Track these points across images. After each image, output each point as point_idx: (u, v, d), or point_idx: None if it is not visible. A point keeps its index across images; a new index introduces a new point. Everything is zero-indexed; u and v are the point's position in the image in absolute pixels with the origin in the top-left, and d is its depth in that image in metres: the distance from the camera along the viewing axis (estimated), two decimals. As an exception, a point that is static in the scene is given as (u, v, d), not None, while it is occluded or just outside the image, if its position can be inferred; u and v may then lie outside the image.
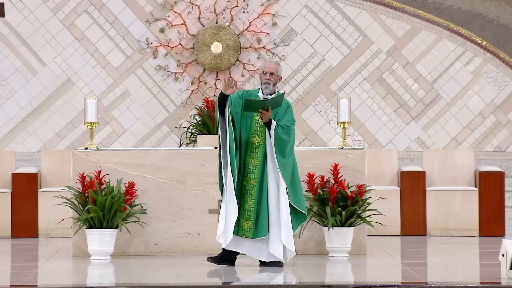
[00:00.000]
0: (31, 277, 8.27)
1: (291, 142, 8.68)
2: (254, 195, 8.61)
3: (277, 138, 8.61)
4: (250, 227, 8.60)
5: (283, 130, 8.64)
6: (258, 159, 8.64)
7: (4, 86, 13.66)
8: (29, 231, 11.35)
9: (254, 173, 8.63)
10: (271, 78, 8.76)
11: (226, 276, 8.30)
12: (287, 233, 8.62)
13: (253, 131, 8.68)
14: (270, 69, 8.76)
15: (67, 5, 13.73)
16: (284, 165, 8.64)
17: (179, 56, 13.82)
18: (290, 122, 8.72)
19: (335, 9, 13.83)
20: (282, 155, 8.63)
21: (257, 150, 8.66)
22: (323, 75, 13.83)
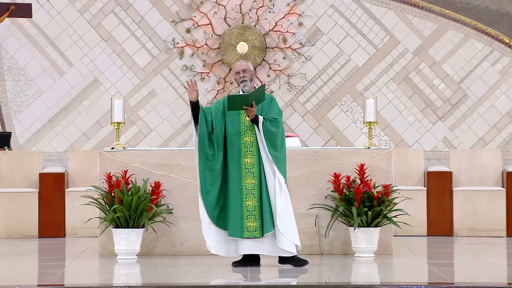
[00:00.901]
0: (58, 276, 8.31)
1: (280, 134, 8.65)
2: (256, 193, 8.60)
3: (266, 132, 8.58)
4: (257, 227, 8.59)
5: (272, 123, 8.62)
6: (254, 157, 8.63)
7: (31, 86, 13.75)
8: (56, 231, 11.41)
9: (253, 172, 8.62)
10: (246, 74, 8.75)
11: (251, 276, 8.30)
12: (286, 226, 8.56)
13: (243, 131, 8.67)
14: (241, 67, 8.77)
15: (94, 6, 13.79)
16: (278, 158, 8.61)
17: (205, 56, 13.84)
18: (277, 114, 8.70)
19: (361, 8, 13.79)
20: (274, 149, 8.60)
21: (251, 149, 8.65)
22: (349, 75, 13.80)
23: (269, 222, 8.60)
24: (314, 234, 9.68)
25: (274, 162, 8.59)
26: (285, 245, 8.57)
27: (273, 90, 13.89)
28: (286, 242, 8.57)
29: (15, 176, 11.76)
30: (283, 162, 8.67)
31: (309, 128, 13.80)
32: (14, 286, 7.55)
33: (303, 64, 13.86)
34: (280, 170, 8.59)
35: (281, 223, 8.55)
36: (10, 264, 9.19)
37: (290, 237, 8.58)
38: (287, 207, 8.63)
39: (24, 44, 13.75)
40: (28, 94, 13.74)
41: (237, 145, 8.63)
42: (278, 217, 8.54)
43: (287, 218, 8.60)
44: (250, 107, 8.51)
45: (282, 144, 8.68)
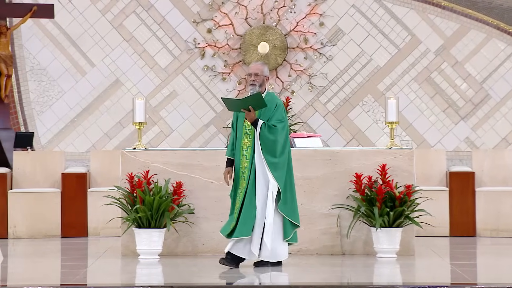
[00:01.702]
0: (80, 276, 8.34)
1: (279, 142, 8.54)
2: (241, 196, 8.58)
3: (262, 137, 8.53)
4: (232, 228, 8.59)
5: (270, 130, 8.53)
6: (248, 161, 8.59)
7: (54, 86, 13.80)
8: (78, 231, 11.45)
9: (245, 175, 8.58)
10: (256, 79, 8.68)
11: (273, 275, 8.30)
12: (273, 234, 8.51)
13: (243, 134, 8.64)
14: (254, 70, 8.69)
15: (115, 6, 13.83)
16: (275, 165, 8.53)
17: (226, 57, 13.85)
18: (278, 121, 8.58)
19: (383, 8, 13.76)
20: (271, 155, 8.52)
21: (246, 152, 8.61)
22: (371, 75, 13.77)
23: (245, 228, 8.51)
24: (336, 235, 9.67)
25: (270, 168, 8.50)
26: (254, 248, 8.52)
27: (294, 90, 13.89)
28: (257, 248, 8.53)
29: (38, 176, 11.81)
30: (282, 168, 8.55)
31: (331, 128, 13.79)
32: (37, 285, 7.58)
33: (324, 64, 13.84)
34: (275, 177, 8.50)
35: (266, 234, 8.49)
36: (33, 264, 9.23)
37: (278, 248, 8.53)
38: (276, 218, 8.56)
39: (47, 45, 13.81)
40: (51, 94, 13.80)
41: (239, 147, 8.64)
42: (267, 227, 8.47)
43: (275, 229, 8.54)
44: (248, 111, 8.48)
45: (282, 151, 8.55)
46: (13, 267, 8.86)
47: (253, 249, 8.51)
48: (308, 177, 9.68)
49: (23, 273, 8.61)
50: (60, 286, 7.79)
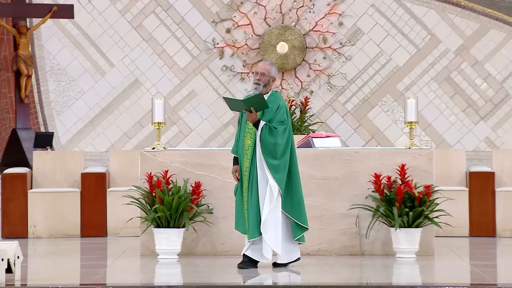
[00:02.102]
0: (100, 275, 8.36)
1: (279, 144, 8.46)
2: (246, 196, 8.56)
3: (262, 139, 8.48)
4: (247, 229, 8.58)
5: (270, 132, 8.46)
6: (248, 160, 8.55)
7: (73, 86, 13.85)
8: (98, 230, 11.47)
9: (246, 175, 8.56)
10: (261, 78, 8.61)
11: (292, 276, 8.29)
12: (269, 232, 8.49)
13: (246, 132, 8.60)
14: (260, 70, 8.62)
15: (135, 7, 13.87)
16: (276, 167, 8.47)
17: (245, 57, 13.85)
18: (280, 123, 8.51)
19: (402, 8, 13.72)
20: (272, 157, 8.47)
21: (247, 152, 8.57)
22: (390, 74, 13.73)
23: (254, 228, 8.51)
24: (355, 235, 9.65)
25: (269, 170, 8.46)
26: (267, 252, 8.50)
27: (313, 90, 13.87)
28: (268, 249, 8.50)
29: (57, 176, 11.85)
30: (283, 170, 8.49)
31: (350, 128, 13.76)
32: (57, 285, 7.61)
33: (343, 64, 13.82)
34: (276, 179, 8.45)
35: (265, 232, 8.48)
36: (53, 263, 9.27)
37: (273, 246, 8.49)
38: (273, 216, 8.51)
39: (66, 45, 13.86)
40: (70, 94, 13.85)
41: (241, 146, 8.62)
42: (262, 225, 8.47)
43: (272, 227, 8.50)
44: (249, 112, 8.45)
45: (283, 153, 8.49)
46: (33, 266, 8.89)
47: (264, 253, 8.48)
48: (327, 177, 9.66)
49: (43, 273, 8.65)
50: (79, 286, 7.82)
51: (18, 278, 7.83)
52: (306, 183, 9.59)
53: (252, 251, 8.54)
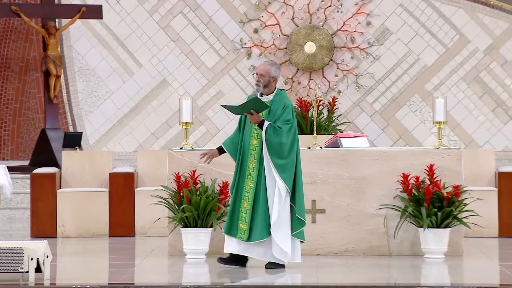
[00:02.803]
0: (128, 275, 8.39)
1: (285, 144, 8.42)
2: (250, 197, 8.49)
3: (267, 139, 8.44)
4: (245, 230, 8.50)
5: (275, 132, 8.42)
6: (255, 161, 8.51)
7: (102, 87, 13.92)
8: (126, 230, 11.51)
9: (252, 175, 8.51)
10: (261, 79, 8.59)
11: (320, 276, 8.28)
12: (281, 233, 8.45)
13: (252, 133, 8.56)
14: (259, 70, 8.60)
15: (163, 7, 13.91)
16: (282, 166, 8.43)
17: (272, 56, 13.85)
18: (285, 122, 8.46)
19: (430, 7, 13.66)
20: (278, 157, 8.43)
21: (254, 152, 8.53)
22: (418, 74, 13.68)
23: (260, 229, 8.46)
24: (383, 235, 9.61)
25: (276, 170, 8.43)
26: (278, 253, 8.46)
27: (341, 90, 13.84)
28: (279, 251, 8.46)
29: (86, 175, 11.90)
30: (290, 170, 8.46)
31: (377, 128, 13.72)
32: (86, 284, 7.65)
33: (371, 63, 13.78)
34: (283, 178, 8.41)
35: (275, 232, 8.45)
36: (81, 263, 9.31)
37: (285, 246, 8.45)
38: (283, 215, 8.48)
39: (95, 45, 13.93)
40: (99, 94, 13.92)
41: (247, 146, 8.59)
42: (273, 225, 8.43)
43: (282, 226, 8.47)
44: (251, 115, 8.43)
45: (289, 153, 8.46)
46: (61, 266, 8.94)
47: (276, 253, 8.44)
48: (355, 177, 9.64)
49: (72, 272, 8.69)
50: (108, 285, 7.85)
51: (47, 278, 7.87)
52: (334, 183, 9.57)
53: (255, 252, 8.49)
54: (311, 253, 9.41)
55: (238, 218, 8.52)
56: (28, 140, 14.21)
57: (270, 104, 8.51)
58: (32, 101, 14.18)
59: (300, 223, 8.55)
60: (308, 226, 9.46)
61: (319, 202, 9.55)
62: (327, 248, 9.49)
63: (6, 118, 14.20)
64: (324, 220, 9.54)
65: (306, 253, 9.39)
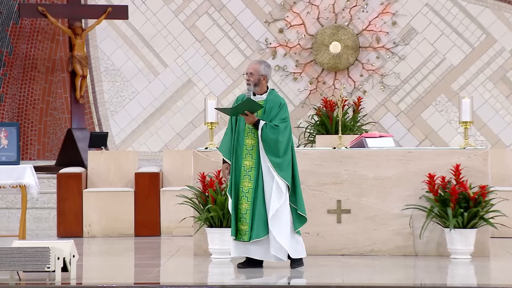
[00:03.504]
0: (153, 274, 8.42)
1: (281, 142, 8.42)
2: (249, 197, 8.47)
3: (264, 138, 8.43)
4: (247, 230, 8.46)
5: (271, 130, 8.42)
6: (253, 160, 8.49)
7: (127, 87, 13.97)
8: (151, 230, 11.54)
9: (250, 175, 8.48)
10: (251, 78, 8.57)
11: (345, 277, 8.26)
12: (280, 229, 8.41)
13: (246, 133, 8.54)
14: (249, 69, 8.60)
15: (188, 7, 13.94)
16: (280, 164, 8.42)
17: (297, 56, 13.84)
18: (281, 121, 8.46)
19: (457, 7, 13.59)
20: (275, 155, 8.42)
21: (251, 152, 8.51)
22: (444, 74, 13.62)
23: (260, 228, 8.44)
24: (409, 235, 9.58)
25: (274, 168, 8.43)
26: (276, 250, 8.43)
27: (366, 90, 13.81)
28: (278, 248, 8.43)
29: (111, 175, 11.95)
30: (287, 168, 8.44)
31: (403, 128, 13.67)
32: (112, 284, 7.68)
33: (396, 63, 13.74)
34: (282, 176, 8.41)
35: (273, 228, 8.42)
36: (107, 262, 9.35)
37: (283, 243, 8.42)
38: (282, 212, 8.45)
39: (121, 46, 13.98)
40: (124, 94, 13.97)
41: (241, 146, 8.57)
42: (270, 221, 8.41)
43: (281, 223, 8.43)
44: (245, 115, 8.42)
45: (286, 151, 8.46)
46: (88, 265, 8.98)
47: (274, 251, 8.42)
48: (380, 177, 9.61)
49: (98, 271, 8.73)
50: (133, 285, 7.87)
51: (73, 277, 7.91)
52: (359, 183, 9.55)
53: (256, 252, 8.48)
54: (336, 253, 9.40)
55: (238, 219, 8.51)
56: (55, 140, 14.29)
57: (265, 103, 8.51)
58: (59, 101, 14.26)
59: (302, 221, 8.55)
60: (333, 226, 9.44)
61: (344, 202, 9.53)
62: (353, 248, 9.47)
63: (33, 118, 14.29)
64: (349, 220, 9.52)
65: (331, 253, 9.38)
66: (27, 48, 14.26)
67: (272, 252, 8.43)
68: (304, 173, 9.62)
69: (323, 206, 9.62)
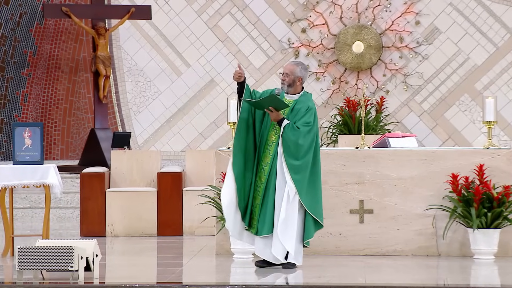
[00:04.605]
0: (176, 274, 8.43)
1: (301, 145, 8.37)
2: (261, 192, 8.49)
3: (284, 138, 8.41)
4: (255, 224, 8.51)
5: (293, 132, 8.39)
6: (270, 156, 8.49)
7: (150, 87, 14.01)
8: (174, 229, 11.56)
9: (265, 170, 8.48)
10: (286, 78, 8.59)
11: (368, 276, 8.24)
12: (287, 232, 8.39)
13: (271, 128, 8.55)
14: (285, 69, 8.62)
15: (211, 7, 13.96)
16: (296, 167, 8.38)
17: (320, 56, 13.82)
18: (305, 124, 8.42)
19: (481, 6, 13.53)
20: (293, 157, 8.38)
21: (270, 147, 8.51)
22: (468, 73, 13.55)
23: (266, 224, 8.44)
24: (432, 235, 9.54)
25: (289, 170, 8.40)
26: (276, 251, 8.41)
27: (389, 89, 13.76)
28: (281, 249, 8.41)
29: (134, 175, 11.98)
30: (302, 172, 8.40)
31: (426, 128, 13.62)
32: (134, 283, 7.70)
33: (420, 63, 13.69)
34: (294, 179, 8.37)
35: (280, 230, 8.40)
36: (130, 262, 9.38)
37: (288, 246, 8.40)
38: (291, 217, 8.42)
39: (144, 46, 14.02)
40: (147, 94, 14.01)
41: (264, 140, 8.57)
42: (281, 224, 8.38)
43: (288, 226, 8.41)
44: (270, 111, 8.41)
45: (305, 155, 8.41)
46: (110, 265, 9.01)
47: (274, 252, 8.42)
48: (403, 177, 9.58)
49: (120, 271, 8.76)
50: (156, 284, 7.89)
51: (96, 276, 7.94)
52: (382, 183, 9.53)
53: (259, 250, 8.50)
54: (358, 253, 9.38)
55: (249, 211, 8.54)
56: (78, 140, 14.35)
57: (294, 103, 8.51)
58: (82, 101, 14.32)
59: (316, 226, 8.51)
60: (356, 226, 9.42)
61: (367, 202, 9.51)
62: (375, 249, 9.45)
63: (57, 118, 14.36)
64: (371, 220, 9.50)
65: (354, 253, 9.36)
66: (51, 49, 14.34)
67: (273, 251, 8.44)
68: (327, 173, 9.60)
69: (346, 206, 9.60)
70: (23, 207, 12.83)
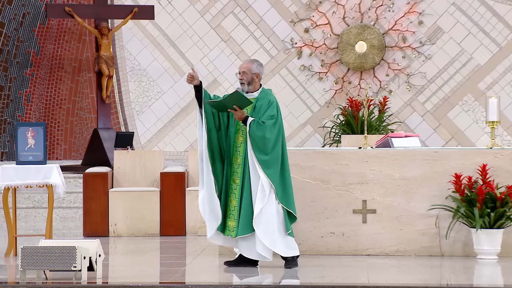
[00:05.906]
0: (179, 274, 8.44)
1: (268, 139, 8.42)
2: (237, 194, 8.49)
3: (251, 135, 8.44)
4: (234, 227, 8.50)
5: (258, 127, 8.42)
6: (241, 157, 8.51)
7: (153, 87, 14.02)
8: (177, 229, 11.57)
9: (238, 171, 8.50)
10: (244, 76, 8.62)
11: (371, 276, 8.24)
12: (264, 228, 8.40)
13: (237, 129, 8.58)
14: (241, 68, 8.66)
15: (214, 7, 13.96)
16: (267, 162, 8.41)
17: (323, 56, 13.82)
18: (269, 117, 8.45)
19: (484, 6, 13.52)
20: (262, 152, 8.42)
21: (239, 148, 8.54)
22: (471, 73, 13.55)
23: (245, 224, 8.46)
24: (435, 235, 9.54)
25: (261, 166, 8.42)
26: (261, 249, 8.43)
27: (392, 89, 13.76)
28: (263, 247, 8.43)
29: (137, 175, 11.99)
30: (274, 165, 8.44)
31: (429, 128, 13.61)
32: (137, 283, 7.71)
33: (423, 63, 13.68)
34: (267, 174, 8.40)
35: (257, 227, 8.41)
36: (133, 262, 9.38)
37: (267, 242, 8.41)
38: (266, 211, 8.42)
39: (146, 46, 14.03)
40: (150, 94, 14.02)
41: (232, 142, 8.59)
42: (254, 220, 8.40)
43: (266, 222, 8.41)
44: (234, 110, 8.42)
45: (273, 148, 8.46)
46: (113, 264, 9.02)
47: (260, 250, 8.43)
48: (406, 177, 9.57)
49: (123, 271, 8.76)
50: (159, 284, 7.90)
51: (99, 276, 7.95)
52: (385, 183, 9.52)
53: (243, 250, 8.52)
54: (361, 253, 9.38)
55: (227, 215, 8.55)
56: (81, 140, 14.36)
57: (256, 100, 8.53)
58: (85, 101, 14.33)
59: (292, 219, 8.56)
60: (359, 226, 9.42)
61: (370, 202, 9.51)
62: (378, 249, 9.45)
63: (60, 118, 14.37)
64: (374, 220, 9.50)
65: (357, 253, 9.36)
66: (54, 48, 14.34)
67: (258, 250, 8.45)
68: (330, 173, 9.60)
69: (349, 206, 9.60)
70: (26, 207, 12.84)
